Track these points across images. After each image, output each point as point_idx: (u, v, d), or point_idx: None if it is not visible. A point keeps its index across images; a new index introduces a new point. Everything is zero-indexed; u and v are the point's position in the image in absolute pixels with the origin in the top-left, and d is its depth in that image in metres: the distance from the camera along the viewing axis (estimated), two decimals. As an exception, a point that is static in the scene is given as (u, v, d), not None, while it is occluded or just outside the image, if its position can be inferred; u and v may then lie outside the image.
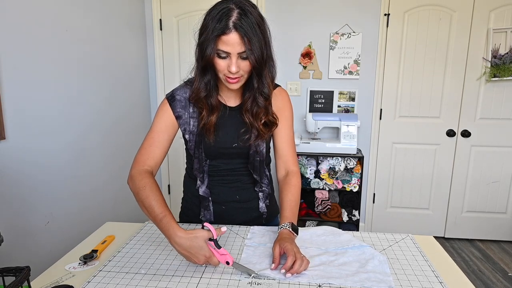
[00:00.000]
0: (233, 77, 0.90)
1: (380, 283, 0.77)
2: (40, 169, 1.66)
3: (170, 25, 2.78)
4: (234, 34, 0.84)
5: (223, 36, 0.84)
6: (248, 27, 0.84)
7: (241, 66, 0.89)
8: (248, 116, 1.00)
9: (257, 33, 0.86)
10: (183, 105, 1.02)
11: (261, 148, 1.05)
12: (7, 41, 1.46)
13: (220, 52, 0.87)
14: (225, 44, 0.85)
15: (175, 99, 1.03)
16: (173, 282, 0.78)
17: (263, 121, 1.00)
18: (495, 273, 2.33)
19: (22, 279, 0.62)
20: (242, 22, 0.84)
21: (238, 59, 0.88)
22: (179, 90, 1.04)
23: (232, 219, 1.11)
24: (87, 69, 2.02)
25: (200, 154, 1.05)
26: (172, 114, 1.02)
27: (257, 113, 1.00)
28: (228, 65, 0.88)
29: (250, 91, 0.98)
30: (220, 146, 1.03)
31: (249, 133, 1.02)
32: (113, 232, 1.06)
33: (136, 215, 2.71)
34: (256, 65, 0.89)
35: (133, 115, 2.62)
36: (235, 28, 0.84)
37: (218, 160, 1.07)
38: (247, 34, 0.84)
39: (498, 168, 2.67)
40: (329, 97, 2.72)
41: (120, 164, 2.43)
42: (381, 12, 2.57)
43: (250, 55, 0.86)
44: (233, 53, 0.86)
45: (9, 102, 1.47)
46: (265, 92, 0.97)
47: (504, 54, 2.46)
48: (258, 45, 0.86)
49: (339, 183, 2.55)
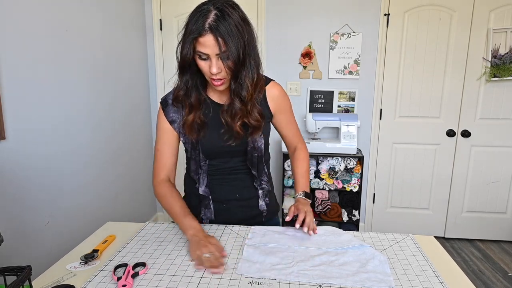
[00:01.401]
0: (216, 79, 0.91)
1: (380, 283, 0.77)
2: (40, 169, 1.66)
3: (170, 25, 2.78)
4: (209, 36, 0.84)
5: (199, 38, 0.85)
6: (224, 28, 0.84)
7: (222, 67, 0.89)
8: (226, 117, 0.99)
9: (234, 34, 0.85)
10: (176, 109, 1.04)
11: (258, 144, 1.06)
12: (7, 41, 1.46)
13: (200, 54, 0.88)
14: (203, 46, 0.86)
15: (167, 104, 1.05)
16: (173, 282, 0.79)
17: (239, 122, 0.99)
18: (495, 273, 2.33)
19: (23, 278, 0.62)
20: (218, 23, 0.84)
21: (219, 60, 0.88)
22: (172, 94, 1.05)
23: (232, 217, 1.12)
24: (87, 69, 2.02)
25: (197, 156, 1.06)
26: (166, 121, 1.05)
27: (235, 114, 0.98)
28: (209, 66, 0.89)
29: (231, 92, 0.98)
30: (217, 145, 1.03)
31: (228, 132, 1.02)
32: (114, 232, 1.06)
33: (137, 215, 2.72)
34: (231, 67, 0.89)
35: (133, 115, 2.62)
36: (210, 29, 0.84)
37: (218, 160, 1.08)
38: (222, 35, 0.84)
39: (498, 168, 2.67)
40: (329, 97, 2.72)
41: (120, 163, 2.43)
42: (381, 12, 2.57)
43: (226, 57, 0.87)
44: (211, 54, 0.87)
45: (9, 102, 1.47)
46: (242, 95, 0.95)
47: (504, 54, 2.46)
48: (234, 47, 0.85)
49: (339, 183, 2.55)
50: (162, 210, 3.10)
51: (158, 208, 3.11)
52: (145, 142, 2.84)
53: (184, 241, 0.98)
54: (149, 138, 2.91)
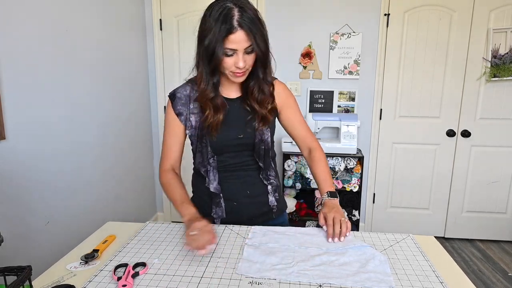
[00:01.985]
0: (240, 72, 0.95)
1: (380, 283, 0.77)
2: (40, 169, 1.66)
3: (170, 25, 2.78)
4: (240, 32, 0.88)
5: (230, 35, 0.88)
6: (250, 22, 0.88)
7: (247, 61, 0.93)
8: (254, 104, 1.04)
9: (258, 26, 0.91)
10: (183, 103, 1.07)
11: (265, 136, 1.08)
12: (7, 41, 1.46)
13: (227, 51, 0.91)
14: (232, 43, 0.89)
15: (175, 97, 1.08)
16: (174, 282, 0.78)
17: (269, 107, 1.05)
18: (495, 273, 2.33)
19: (23, 278, 0.62)
20: (244, 19, 0.87)
21: (244, 54, 0.92)
22: (180, 88, 1.09)
23: (243, 215, 1.12)
24: (87, 69, 2.02)
25: (203, 148, 1.07)
26: (174, 113, 1.07)
27: (262, 100, 1.04)
28: (235, 61, 0.92)
29: (255, 81, 1.02)
30: (226, 139, 1.05)
31: (255, 120, 1.05)
32: (114, 231, 1.06)
33: (137, 215, 2.72)
34: (261, 56, 0.94)
35: (133, 115, 2.62)
36: (240, 26, 0.87)
37: (225, 155, 1.08)
38: (251, 29, 0.88)
39: (498, 168, 2.67)
40: (329, 97, 2.72)
41: (120, 163, 2.43)
42: (381, 12, 2.57)
43: (256, 48, 0.91)
44: (240, 49, 0.90)
45: (9, 102, 1.47)
46: (269, 80, 1.03)
47: (504, 54, 2.46)
48: (261, 37, 0.91)
49: (339, 183, 2.55)
50: (162, 210, 3.10)
51: (158, 208, 3.11)
52: (145, 142, 2.84)
53: (184, 241, 0.98)
54: (149, 138, 2.91)
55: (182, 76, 2.84)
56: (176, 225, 1.09)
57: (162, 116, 2.92)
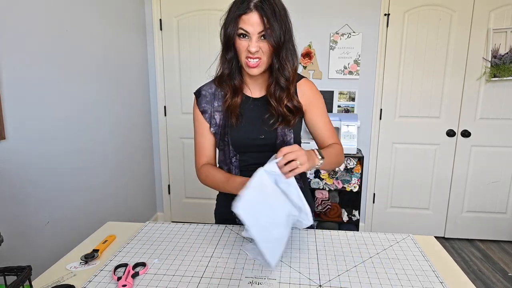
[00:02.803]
0: (253, 57, 0.94)
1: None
2: (40, 169, 1.66)
3: (170, 25, 2.78)
4: (254, 13, 0.89)
5: (243, 15, 0.90)
6: (268, 8, 0.89)
7: (260, 47, 0.93)
8: (273, 101, 1.03)
9: (277, 16, 0.90)
10: (208, 100, 1.08)
11: (288, 138, 1.05)
12: (7, 41, 1.46)
13: (242, 32, 0.92)
14: (246, 24, 0.90)
15: (200, 94, 1.09)
16: (173, 282, 0.79)
17: (285, 103, 1.02)
18: (495, 273, 2.33)
19: (23, 278, 0.62)
20: (262, 3, 0.89)
21: (258, 40, 0.92)
22: (206, 86, 1.10)
23: None
24: (87, 69, 2.02)
25: (225, 146, 1.07)
26: (199, 110, 1.08)
27: (280, 97, 1.02)
28: (248, 44, 0.92)
29: (273, 77, 1.01)
30: (247, 137, 1.04)
31: (274, 118, 1.04)
32: (114, 231, 1.06)
33: (137, 215, 2.72)
34: (274, 45, 0.93)
35: (133, 115, 2.62)
36: (256, 8, 0.89)
37: (247, 154, 1.07)
38: (266, 14, 0.89)
39: (498, 168, 2.67)
40: (329, 97, 2.72)
41: (120, 163, 2.43)
42: (381, 12, 2.57)
43: (269, 35, 0.91)
44: (253, 32, 0.91)
45: (9, 102, 1.47)
46: (285, 74, 0.99)
47: (504, 54, 2.46)
48: (277, 27, 0.90)
49: (339, 183, 2.55)
50: (162, 210, 3.11)
51: (158, 208, 3.11)
52: (145, 142, 2.84)
53: (184, 241, 0.98)
54: (149, 138, 2.91)
55: (182, 76, 2.84)
56: (176, 225, 1.09)
57: (162, 116, 2.92)
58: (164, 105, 2.90)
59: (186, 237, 1.01)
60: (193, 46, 2.77)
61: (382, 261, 0.89)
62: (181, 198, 3.07)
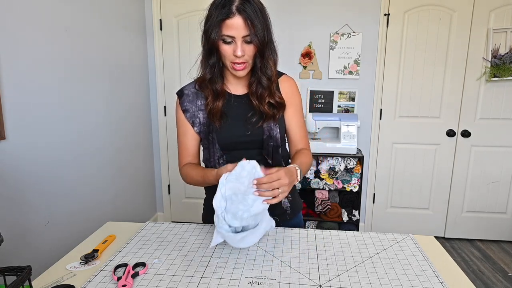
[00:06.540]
0: (239, 62, 0.94)
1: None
2: (40, 169, 1.66)
3: (170, 25, 2.78)
4: (237, 17, 0.88)
5: (227, 20, 0.88)
6: (250, 11, 0.88)
7: (246, 51, 0.93)
8: (254, 100, 1.03)
9: (259, 17, 0.90)
10: (191, 99, 1.07)
11: (274, 133, 1.05)
12: (7, 41, 1.46)
13: (225, 38, 0.91)
14: (230, 28, 0.89)
15: (183, 94, 1.08)
16: (173, 282, 0.78)
17: (267, 101, 1.03)
18: (495, 273, 2.33)
19: (23, 278, 0.62)
20: (244, 6, 0.88)
21: (243, 43, 0.91)
22: (188, 85, 1.10)
23: None
24: (87, 69, 2.02)
25: (209, 144, 1.07)
26: (181, 109, 1.08)
27: (262, 95, 1.03)
28: (234, 49, 0.92)
29: (255, 75, 1.02)
30: (233, 135, 1.04)
31: (256, 115, 1.04)
32: (114, 231, 1.06)
33: (137, 215, 2.72)
34: (259, 47, 0.93)
35: (133, 115, 2.62)
36: (239, 11, 0.88)
37: (234, 152, 1.06)
38: (250, 17, 0.88)
39: (498, 168, 2.67)
40: (329, 97, 2.72)
41: (120, 163, 2.43)
42: (381, 12, 2.57)
43: (254, 37, 0.90)
44: (237, 36, 0.90)
45: (9, 102, 1.47)
46: (267, 73, 1.00)
47: (504, 54, 2.46)
48: (260, 28, 0.90)
49: (339, 183, 2.55)
50: (162, 210, 3.11)
51: (158, 208, 3.11)
52: (145, 142, 2.84)
53: (184, 241, 0.98)
54: (149, 138, 2.91)
55: (182, 76, 2.84)
56: (176, 225, 1.09)
57: (162, 116, 2.92)
58: (164, 105, 2.90)
59: (186, 237, 1.01)
60: (193, 46, 2.77)
61: (382, 261, 0.89)
62: (181, 198, 3.07)
